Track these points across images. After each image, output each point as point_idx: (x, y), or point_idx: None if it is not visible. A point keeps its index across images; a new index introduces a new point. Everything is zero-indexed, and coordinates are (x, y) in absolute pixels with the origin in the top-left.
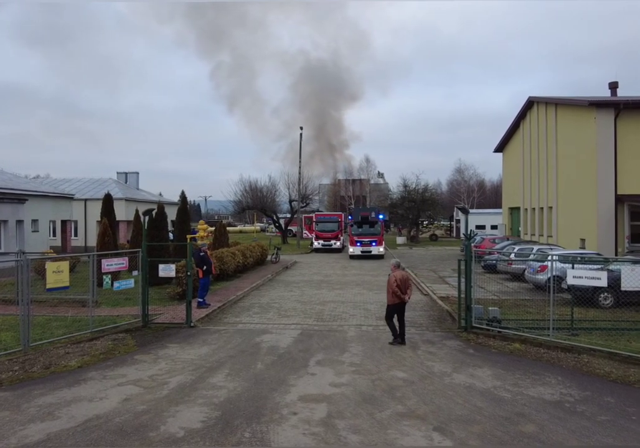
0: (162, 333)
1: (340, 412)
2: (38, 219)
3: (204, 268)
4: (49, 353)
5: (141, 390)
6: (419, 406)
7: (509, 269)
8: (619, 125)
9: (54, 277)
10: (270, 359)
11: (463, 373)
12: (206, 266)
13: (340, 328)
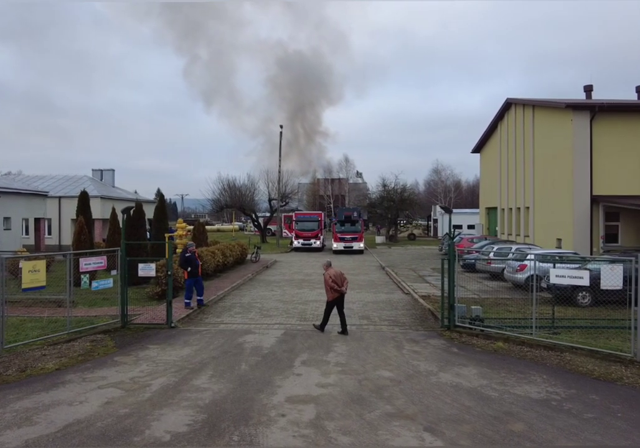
0: (142, 334)
1: (329, 413)
2: (10, 216)
3: (189, 270)
4: (25, 356)
5: (123, 393)
6: (407, 406)
7: (488, 268)
8: (595, 127)
9: (29, 277)
10: (255, 360)
11: (449, 373)
12: (191, 268)
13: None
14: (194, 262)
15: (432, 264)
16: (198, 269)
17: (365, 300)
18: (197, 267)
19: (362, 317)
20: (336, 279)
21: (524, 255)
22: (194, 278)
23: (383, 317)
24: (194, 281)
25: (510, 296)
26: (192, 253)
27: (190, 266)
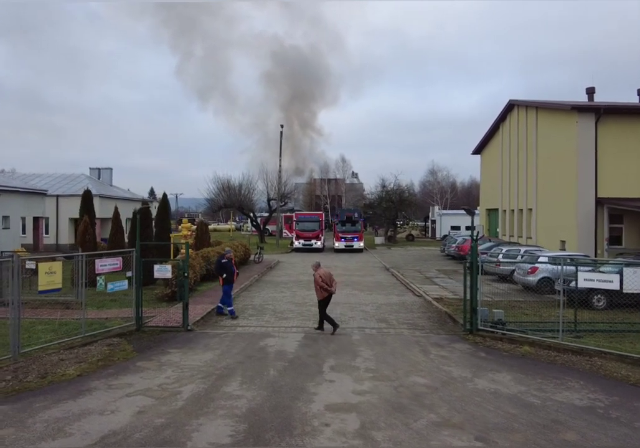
0: (159, 337)
1: (374, 423)
2: (9, 215)
3: (224, 276)
4: (42, 361)
5: (153, 401)
6: (452, 414)
7: (496, 270)
8: (600, 130)
9: (46, 279)
10: (282, 365)
11: (484, 378)
12: (226, 274)
13: (343, 331)
14: (230, 269)
15: (436, 266)
16: (233, 276)
17: (378, 302)
18: (232, 273)
19: (380, 320)
20: (325, 279)
21: (536, 258)
22: (229, 284)
23: (401, 320)
24: (230, 287)
25: (523, 299)
26: (229, 259)
27: (225, 272)
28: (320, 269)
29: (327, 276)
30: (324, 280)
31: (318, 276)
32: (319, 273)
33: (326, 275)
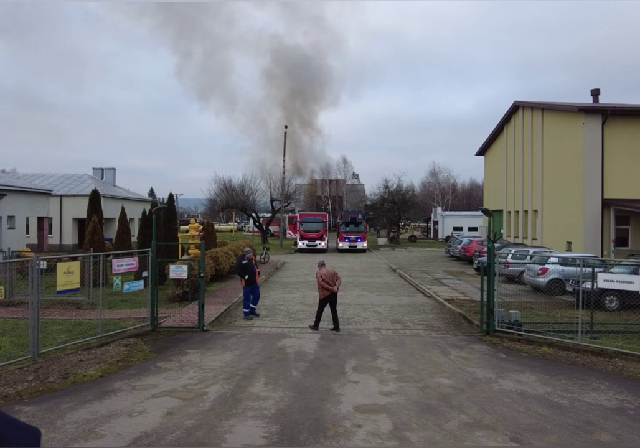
0: (174, 337)
1: (406, 424)
2: (14, 215)
3: (246, 278)
4: (61, 361)
5: (181, 402)
6: (482, 415)
7: (504, 271)
8: (606, 131)
9: (64, 279)
10: (303, 366)
11: (508, 379)
12: (248, 275)
13: (359, 332)
14: (251, 269)
15: (442, 267)
16: (255, 277)
17: (390, 303)
18: (254, 274)
19: (395, 321)
20: (327, 278)
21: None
22: (251, 286)
23: (415, 321)
24: (251, 289)
25: (534, 300)
26: (249, 260)
27: (247, 273)
28: (322, 268)
29: (329, 275)
30: (325, 279)
31: (319, 275)
32: (320, 272)
33: (328, 275)
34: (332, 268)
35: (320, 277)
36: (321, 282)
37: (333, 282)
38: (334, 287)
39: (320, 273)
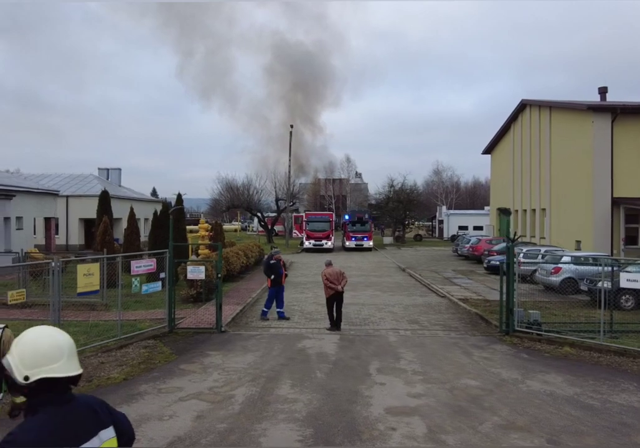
0: (193, 339)
1: (440, 426)
2: (22, 216)
3: (272, 278)
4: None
5: (209, 405)
6: (515, 417)
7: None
8: (616, 130)
9: (84, 281)
10: (327, 367)
11: (535, 380)
12: (274, 276)
13: (377, 332)
14: (278, 270)
15: (450, 266)
16: (282, 278)
17: (404, 303)
18: (280, 275)
19: (411, 322)
20: (330, 277)
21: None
22: (277, 287)
23: (432, 322)
24: (275, 290)
25: (548, 299)
26: (277, 260)
27: (273, 274)
28: (328, 268)
29: (334, 274)
30: (329, 278)
31: (323, 274)
32: (325, 272)
33: (333, 274)
34: (338, 268)
35: (324, 276)
36: (325, 281)
37: (338, 281)
38: (338, 286)
39: (325, 272)
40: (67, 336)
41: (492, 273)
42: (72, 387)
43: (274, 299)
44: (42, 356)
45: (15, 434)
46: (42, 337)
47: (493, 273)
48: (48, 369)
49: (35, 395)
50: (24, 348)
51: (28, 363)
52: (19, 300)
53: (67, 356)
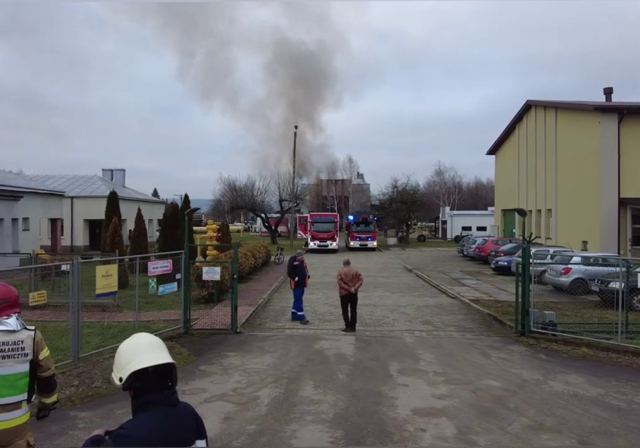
0: (209, 340)
1: (469, 427)
2: (29, 217)
3: (296, 280)
4: (102, 365)
5: (235, 406)
6: (543, 418)
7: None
8: (622, 130)
9: (102, 282)
10: (347, 369)
11: (557, 381)
12: (298, 277)
13: (392, 334)
14: (302, 272)
15: (457, 267)
16: (305, 279)
17: (415, 304)
18: (304, 277)
19: (425, 323)
20: (345, 278)
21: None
22: (301, 288)
23: (446, 323)
24: (301, 291)
25: (558, 300)
26: (300, 262)
27: (297, 276)
28: (344, 267)
29: (350, 275)
30: (343, 279)
31: (338, 274)
32: (341, 271)
33: (348, 274)
34: (354, 269)
35: (339, 276)
36: (339, 281)
37: (352, 282)
38: (352, 287)
39: (342, 272)
40: (151, 336)
41: (500, 274)
42: (172, 385)
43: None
44: (127, 355)
45: (128, 428)
46: (127, 343)
47: (501, 274)
48: (134, 364)
49: (140, 394)
50: (115, 357)
51: (118, 366)
52: (40, 301)
53: (150, 349)
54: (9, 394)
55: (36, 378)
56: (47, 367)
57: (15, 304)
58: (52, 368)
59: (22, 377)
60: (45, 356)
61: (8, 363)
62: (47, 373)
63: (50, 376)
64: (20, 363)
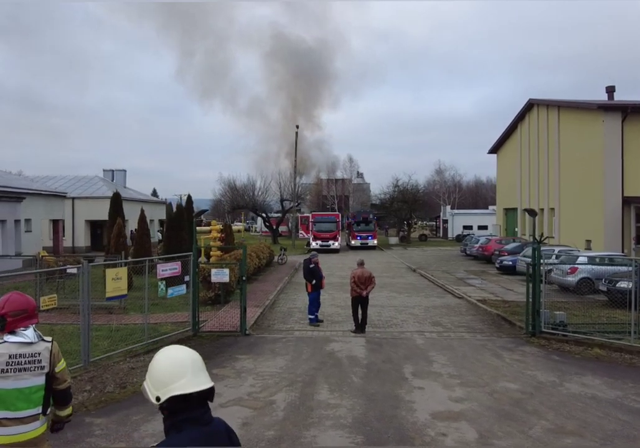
0: (219, 342)
1: (490, 431)
2: (31, 218)
3: (313, 283)
4: (112, 369)
5: (252, 411)
6: (563, 421)
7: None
8: (626, 128)
9: (112, 285)
10: (361, 371)
11: (573, 383)
12: (315, 280)
13: (402, 335)
14: (319, 274)
15: (461, 266)
16: (321, 281)
17: (423, 304)
18: (321, 279)
19: (434, 324)
20: (358, 280)
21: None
22: (318, 291)
23: (455, 324)
24: (317, 294)
25: (565, 299)
26: (315, 264)
27: (315, 278)
28: (358, 269)
29: (363, 278)
30: (356, 281)
31: (352, 275)
32: (355, 273)
33: (362, 277)
34: (368, 270)
35: (352, 278)
36: (352, 283)
37: (365, 285)
38: (363, 291)
39: (355, 273)
40: (191, 352)
41: (505, 274)
42: (209, 404)
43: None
44: (168, 374)
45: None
46: (166, 357)
47: (506, 274)
48: (176, 387)
49: (174, 414)
50: (151, 370)
51: (156, 384)
52: (51, 305)
53: (192, 371)
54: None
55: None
56: (62, 380)
57: (33, 315)
58: (69, 381)
59: (38, 390)
60: (61, 368)
61: (24, 376)
62: (62, 386)
63: (66, 389)
64: (36, 376)
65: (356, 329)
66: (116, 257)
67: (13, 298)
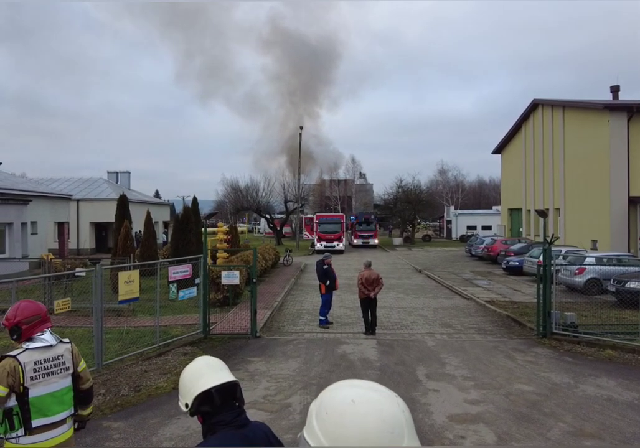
0: (230, 345)
1: (508, 433)
2: (37, 220)
3: (327, 284)
4: (126, 372)
5: (269, 415)
6: (581, 423)
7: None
8: (632, 128)
9: (125, 288)
10: (374, 374)
11: (588, 384)
12: (329, 281)
13: (413, 337)
14: (332, 275)
15: (467, 267)
16: (335, 283)
17: (431, 306)
18: (334, 280)
19: (444, 325)
20: (366, 282)
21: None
22: (331, 292)
23: (465, 325)
24: (331, 296)
25: (572, 300)
26: (329, 265)
27: (329, 280)
28: (366, 270)
29: (371, 280)
30: (363, 282)
31: (360, 277)
32: (363, 274)
33: (369, 279)
34: (376, 272)
35: (360, 280)
36: (359, 284)
37: (372, 287)
38: (371, 292)
39: (363, 275)
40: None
41: (512, 274)
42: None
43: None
44: (188, 381)
45: None
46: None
47: (512, 274)
48: (197, 387)
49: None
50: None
51: (183, 393)
52: (65, 309)
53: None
54: (59, 410)
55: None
56: (86, 378)
57: (46, 319)
58: (91, 380)
59: (68, 391)
60: (83, 367)
61: (53, 379)
62: (86, 385)
63: (90, 387)
64: (63, 378)
65: (366, 331)
66: (124, 260)
67: (23, 306)
